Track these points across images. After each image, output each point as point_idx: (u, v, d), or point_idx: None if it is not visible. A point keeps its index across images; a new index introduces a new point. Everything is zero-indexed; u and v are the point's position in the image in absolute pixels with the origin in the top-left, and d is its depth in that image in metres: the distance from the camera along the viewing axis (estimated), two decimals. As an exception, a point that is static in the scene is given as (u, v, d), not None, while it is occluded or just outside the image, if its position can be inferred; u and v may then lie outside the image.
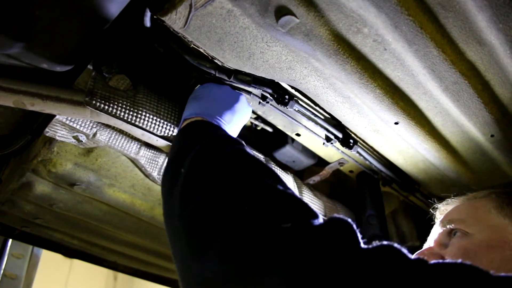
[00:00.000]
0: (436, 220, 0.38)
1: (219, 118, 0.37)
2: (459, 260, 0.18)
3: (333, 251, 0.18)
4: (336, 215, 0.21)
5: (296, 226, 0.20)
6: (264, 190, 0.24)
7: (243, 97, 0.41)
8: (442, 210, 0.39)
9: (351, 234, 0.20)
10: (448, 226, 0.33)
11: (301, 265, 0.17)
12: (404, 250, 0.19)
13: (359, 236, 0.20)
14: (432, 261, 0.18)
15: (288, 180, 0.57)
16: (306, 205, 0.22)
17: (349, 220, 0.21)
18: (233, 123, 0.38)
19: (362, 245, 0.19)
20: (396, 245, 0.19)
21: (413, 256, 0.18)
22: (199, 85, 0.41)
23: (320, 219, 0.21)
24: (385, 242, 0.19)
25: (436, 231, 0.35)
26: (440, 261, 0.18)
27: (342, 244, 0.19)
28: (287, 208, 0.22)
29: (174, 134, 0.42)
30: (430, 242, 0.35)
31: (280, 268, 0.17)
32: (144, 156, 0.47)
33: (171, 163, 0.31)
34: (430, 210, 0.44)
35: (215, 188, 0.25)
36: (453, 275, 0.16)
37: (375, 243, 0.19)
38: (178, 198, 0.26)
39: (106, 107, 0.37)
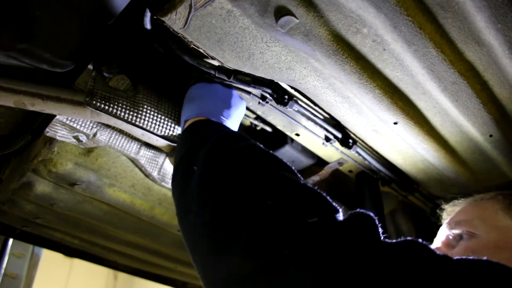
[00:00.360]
0: (442, 221, 0.38)
1: (219, 115, 0.37)
2: (485, 258, 0.17)
3: (359, 246, 0.18)
4: (359, 210, 0.21)
5: (322, 221, 0.19)
6: (285, 184, 0.23)
7: (235, 92, 0.41)
8: (449, 212, 0.40)
9: (375, 229, 0.19)
10: (455, 227, 0.33)
11: (328, 260, 0.17)
12: (430, 246, 0.18)
13: (380, 231, 0.20)
14: (457, 257, 0.17)
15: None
16: (327, 199, 0.22)
17: (372, 214, 0.20)
18: (233, 119, 0.39)
19: (386, 240, 0.18)
20: (421, 241, 0.18)
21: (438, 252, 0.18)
22: (191, 86, 0.41)
23: (341, 214, 0.21)
24: (409, 238, 0.19)
25: (443, 233, 0.35)
26: (465, 257, 0.18)
27: (368, 239, 0.18)
28: (312, 202, 0.21)
29: (174, 133, 0.42)
30: (437, 243, 0.35)
31: (307, 263, 0.17)
32: (144, 156, 0.48)
33: (181, 163, 0.30)
34: (437, 211, 0.44)
35: (235, 183, 0.24)
36: (479, 271, 0.16)
37: (400, 238, 0.19)
38: (194, 196, 0.26)
39: (106, 107, 0.37)
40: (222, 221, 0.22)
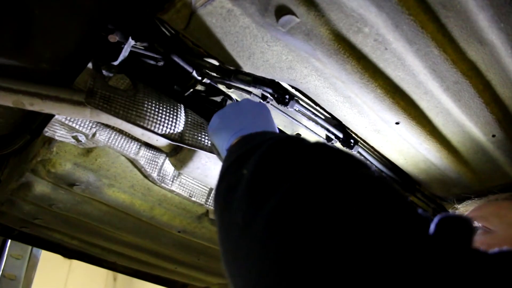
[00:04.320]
0: None
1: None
2: None
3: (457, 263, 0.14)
4: (449, 214, 0.17)
5: (418, 240, 0.15)
6: (372, 187, 0.18)
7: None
8: (461, 211, 0.39)
9: (469, 238, 0.16)
10: None
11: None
12: None
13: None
14: None
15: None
16: (412, 205, 0.17)
17: (464, 218, 0.16)
18: None
19: (481, 251, 0.15)
20: None
21: None
22: (230, 102, 0.39)
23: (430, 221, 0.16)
24: (505, 248, 0.15)
25: None
26: None
27: (461, 253, 0.15)
28: (406, 212, 0.17)
29: (175, 132, 0.41)
30: None
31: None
32: (143, 156, 0.47)
33: (228, 171, 0.24)
34: (449, 210, 0.44)
35: (300, 186, 0.18)
36: None
37: (497, 249, 0.15)
38: (242, 206, 0.20)
39: (107, 106, 0.37)
40: (285, 232, 0.16)
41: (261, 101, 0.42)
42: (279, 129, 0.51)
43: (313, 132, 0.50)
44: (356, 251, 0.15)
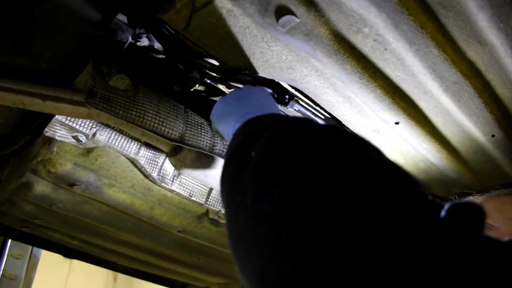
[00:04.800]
0: None
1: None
2: None
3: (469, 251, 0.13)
4: (460, 201, 0.16)
5: (429, 224, 0.14)
6: (381, 168, 0.17)
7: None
8: None
9: (480, 225, 0.15)
10: None
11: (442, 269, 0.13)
12: None
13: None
14: None
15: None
16: (422, 191, 0.17)
17: (475, 204, 0.16)
18: None
19: (494, 239, 0.14)
20: None
21: None
22: (233, 90, 0.37)
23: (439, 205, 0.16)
24: None
25: None
26: None
27: (472, 241, 0.14)
28: (416, 196, 0.16)
29: (175, 132, 0.42)
30: None
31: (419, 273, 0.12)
32: (143, 156, 0.47)
33: (234, 154, 0.23)
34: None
35: (311, 167, 0.17)
36: None
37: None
38: (250, 187, 0.19)
39: (107, 106, 0.37)
40: (294, 216, 0.15)
41: (262, 87, 0.41)
42: None
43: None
44: (366, 235, 0.14)
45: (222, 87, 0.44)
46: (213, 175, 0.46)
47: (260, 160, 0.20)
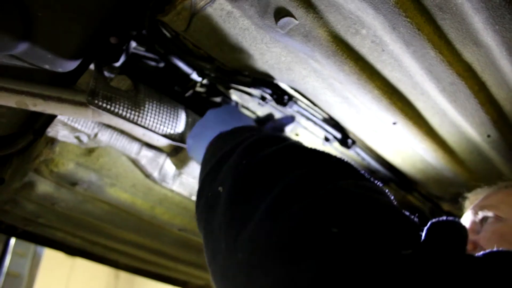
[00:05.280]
0: (465, 210, 0.37)
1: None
2: None
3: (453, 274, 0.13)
4: (442, 218, 0.16)
5: (416, 253, 0.14)
6: (351, 200, 0.16)
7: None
8: (472, 200, 0.38)
9: (462, 244, 0.15)
10: (480, 213, 0.32)
11: None
12: None
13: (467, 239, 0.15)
14: None
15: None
16: (410, 219, 0.16)
17: (456, 222, 0.15)
18: None
19: (472, 256, 0.14)
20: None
21: None
22: (204, 115, 0.37)
23: (421, 231, 0.15)
24: (496, 250, 0.15)
25: (466, 219, 0.34)
26: None
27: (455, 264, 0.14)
28: (398, 226, 0.15)
29: (175, 132, 0.42)
30: None
31: None
32: (144, 156, 0.48)
33: (204, 186, 0.24)
34: (459, 199, 0.43)
35: (275, 209, 0.17)
36: None
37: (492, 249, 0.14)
38: (223, 231, 0.19)
39: (108, 106, 0.37)
40: (263, 259, 0.15)
41: (230, 104, 0.41)
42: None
43: (311, 133, 0.50)
44: (340, 275, 0.13)
45: (222, 88, 0.44)
46: (213, 174, 0.47)
47: (227, 201, 0.20)
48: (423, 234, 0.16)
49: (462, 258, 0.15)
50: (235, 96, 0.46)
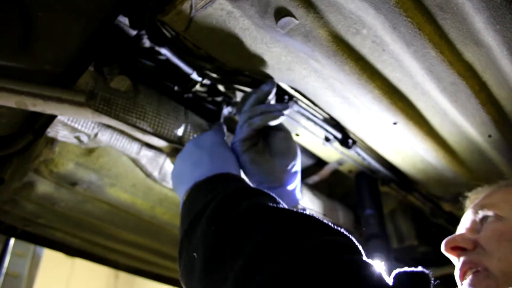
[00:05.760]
0: (465, 209, 0.37)
1: (222, 168, 0.30)
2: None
3: None
4: (406, 270, 0.16)
5: None
6: (316, 268, 0.16)
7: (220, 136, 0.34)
8: (472, 199, 0.38)
9: None
10: (480, 212, 0.32)
11: None
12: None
13: None
14: None
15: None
16: (375, 277, 0.16)
17: (419, 272, 0.16)
18: (234, 165, 0.32)
19: None
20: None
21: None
22: (180, 151, 0.35)
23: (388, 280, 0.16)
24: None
25: (467, 218, 0.34)
26: None
27: None
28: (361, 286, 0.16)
29: (175, 135, 0.42)
30: (461, 229, 0.33)
31: None
32: (144, 156, 0.48)
33: (182, 247, 0.24)
34: (459, 198, 0.43)
35: (241, 278, 0.17)
36: None
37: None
38: None
39: (107, 108, 0.37)
40: None
41: (213, 128, 0.38)
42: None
43: (311, 133, 0.50)
44: None
45: (222, 88, 0.44)
46: (213, 174, 0.47)
47: (200, 270, 0.20)
48: (391, 282, 0.16)
49: None
50: (235, 96, 0.46)
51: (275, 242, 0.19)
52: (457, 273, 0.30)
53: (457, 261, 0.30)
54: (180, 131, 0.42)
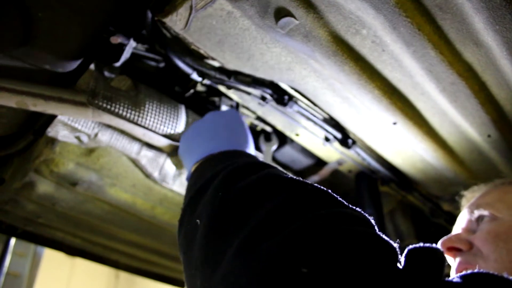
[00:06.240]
0: (461, 208, 0.37)
1: (235, 145, 0.30)
2: None
3: None
4: (420, 245, 0.16)
5: (388, 283, 0.14)
6: (326, 237, 0.15)
7: (236, 113, 0.34)
8: (468, 198, 0.38)
9: (439, 271, 0.15)
10: (475, 212, 0.31)
11: None
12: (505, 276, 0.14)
13: (444, 264, 0.15)
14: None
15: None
16: (387, 247, 0.16)
17: (434, 248, 0.15)
18: (249, 143, 0.31)
19: (450, 280, 0.14)
20: (492, 273, 0.15)
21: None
22: (194, 122, 0.36)
23: (398, 251, 0.15)
24: (477, 271, 0.15)
25: (463, 218, 0.33)
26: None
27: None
28: (372, 259, 0.15)
29: (175, 132, 0.42)
30: (457, 229, 0.33)
31: None
32: (145, 156, 0.48)
33: (184, 216, 0.24)
34: (456, 197, 0.43)
35: (247, 247, 0.16)
36: None
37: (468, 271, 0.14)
38: (199, 266, 0.19)
39: (108, 106, 0.37)
40: None
41: (229, 108, 0.40)
42: (277, 129, 0.51)
43: (311, 133, 0.50)
44: None
45: (222, 88, 0.44)
46: (214, 174, 0.47)
47: (203, 238, 0.19)
48: (402, 261, 0.16)
49: (439, 285, 0.14)
50: (235, 96, 0.46)
51: (287, 210, 0.17)
52: (453, 274, 0.30)
53: (453, 262, 0.30)
54: (181, 130, 0.42)
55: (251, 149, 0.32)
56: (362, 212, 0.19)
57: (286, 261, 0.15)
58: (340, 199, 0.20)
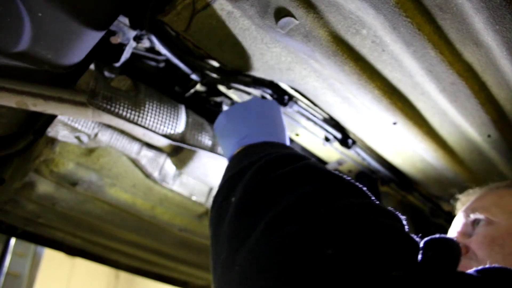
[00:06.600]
0: (457, 212, 0.37)
1: (279, 136, 0.31)
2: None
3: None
4: (437, 236, 0.16)
5: (407, 274, 0.14)
6: (352, 223, 0.16)
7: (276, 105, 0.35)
8: (463, 201, 0.38)
9: (455, 262, 0.15)
10: (471, 215, 0.31)
11: None
12: None
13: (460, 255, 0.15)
14: None
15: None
16: (410, 240, 0.16)
17: (451, 240, 0.16)
18: (287, 139, 0.33)
19: (474, 274, 0.15)
20: (510, 268, 0.15)
21: None
22: (234, 104, 0.37)
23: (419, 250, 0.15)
24: (496, 265, 0.15)
25: (458, 221, 0.33)
26: None
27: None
28: (394, 249, 0.15)
29: (175, 132, 0.42)
30: (452, 233, 0.33)
31: None
32: (145, 156, 0.48)
33: (219, 193, 0.24)
34: (451, 201, 0.43)
35: (276, 226, 0.17)
36: None
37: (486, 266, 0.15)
38: (225, 242, 0.19)
39: (108, 106, 0.37)
40: (259, 277, 0.15)
41: (270, 98, 0.41)
42: None
43: (311, 133, 0.50)
44: None
45: (222, 88, 0.44)
46: (214, 174, 0.47)
47: (234, 215, 0.20)
48: (421, 249, 0.16)
49: (454, 277, 0.15)
50: (235, 96, 0.46)
51: (320, 196, 0.18)
52: None
53: None
54: (181, 130, 0.42)
55: (287, 142, 0.34)
56: (393, 210, 0.19)
57: (311, 242, 0.15)
58: (371, 196, 0.21)
